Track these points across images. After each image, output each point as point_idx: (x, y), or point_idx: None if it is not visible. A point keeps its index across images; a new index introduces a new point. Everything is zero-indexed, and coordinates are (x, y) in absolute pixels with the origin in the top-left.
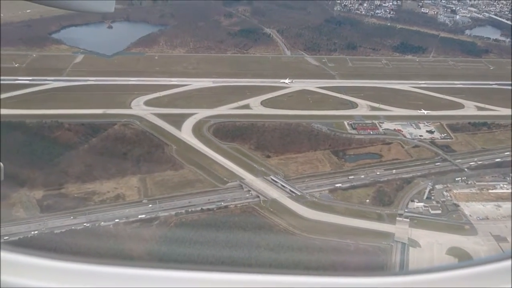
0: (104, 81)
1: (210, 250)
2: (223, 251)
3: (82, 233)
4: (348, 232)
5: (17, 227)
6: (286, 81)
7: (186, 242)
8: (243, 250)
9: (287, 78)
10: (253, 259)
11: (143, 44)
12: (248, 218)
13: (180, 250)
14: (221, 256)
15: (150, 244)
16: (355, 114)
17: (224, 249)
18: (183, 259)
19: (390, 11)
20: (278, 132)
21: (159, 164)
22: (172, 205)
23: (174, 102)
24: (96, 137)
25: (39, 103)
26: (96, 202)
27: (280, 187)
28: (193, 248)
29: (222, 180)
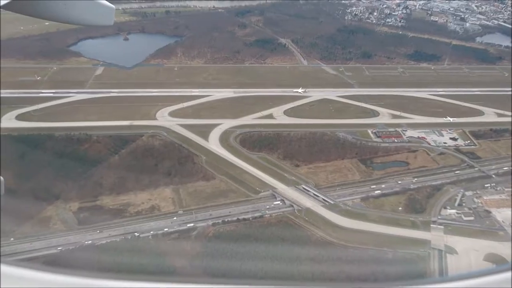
0: (127, 92)
1: (251, 261)
2: (264, 262)
3: (122, 245)
4: (384, 240)
5: (57, 239)
6: (299, 90)
7: (227, 253)
8: (284, 260)
9: (300, 88)
10: (295, 270)
11: (161, 55)
12: (285, 228)
13: (221, 260)
14: (263, 267)
15: (191, 254)
16: (378, 123)
17: (265, 260)
18: (225, 270)
19: (400, 19)
20: (304, 142)
21: (191, 174)
22: (208, 216)
23: (198, 113)
24: (125, 149)
25: (65, 115)
26: (132, 213)
27: (313, 196)
28: (233, 258)
29: (254, 190)
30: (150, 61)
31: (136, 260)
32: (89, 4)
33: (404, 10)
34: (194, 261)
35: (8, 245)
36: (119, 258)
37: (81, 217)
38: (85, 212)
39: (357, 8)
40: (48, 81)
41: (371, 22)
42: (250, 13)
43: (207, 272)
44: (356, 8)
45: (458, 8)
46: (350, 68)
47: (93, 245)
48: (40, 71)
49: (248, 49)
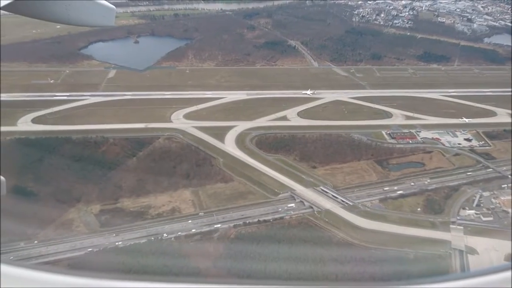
0: (140, 95)
1: (275, 262)
2: (288, 263)
3: (146, 247)
4: (405, 241)
5: (81, 242)
6: (308, 92)
7: (250, 254)
8: (308, 262)
9: (308, 89)
10: (319, 271)
11: (172, 58)
12: (306, 229)
13: (245, 262)
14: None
15: (214, 256)
16: (392, 124)
17: (289, 261)
18: (250, 271)
19: (407, 21)
20: (320, 143)
21: (209, 177)
22: (228, 217)
23: (213, 115)
24: (142, 151)
25: (80, 118)
26: (153, 216)
27: (331, 197)
28: (257, 260)
29: (273, 192)
30: (161, 63)
31: (160, 261)
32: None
33: (411, 12)
34: (218, 262)
35: (33, 248)
36: (144, 260)
37: (103, 219)
38: (106, 214)
39: (364, 9)
40: (61, 84)
41: (378, 24)
42: (258, 15)
43: (231, 273)
44: (363, 9)
45: (464, 9)
46: (360, 70)
47: (117, 247)
48: (53, 74)
49: (258, 51)
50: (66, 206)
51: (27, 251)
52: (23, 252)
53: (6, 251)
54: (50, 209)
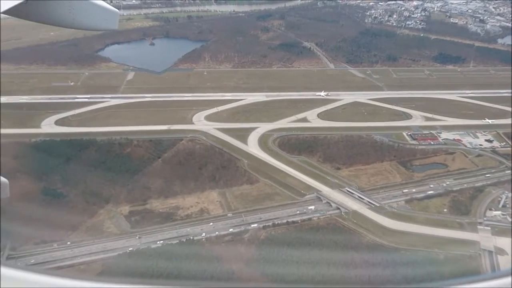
0: (160, 97)
1: (307, 264)
2: (320, 265)
3: (178, 248)
4: (434, 241)
5: (113, 243)
6: (321, 93)
7: (281, 256)
8: (339, 263)
9: (322, 91)
10: (351, 272)
11: (189, 60)
12: (335, 231)
13: (277, 263)
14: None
15: (246, 257)
16: (412, 125)
17: (320, 263)
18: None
19: (420, 22)
20: (342, 144)
21: (235, 178)
22: (257, 218)
23: (234, 117)
24: (166, 153)
25: (103, 120)
26: (182, 217)
27: (358, 198)
28: (289, 261)
29: (299, 193)
30: (178, 65)
31: (193, 262)
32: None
33: (423, 13)
34: (251, 263)
35: (66, 249)
36: (177, 261)
37: (132, 220)
38: (136, 215)
39: (376, 10)
40: (81, 86)
41: (391, 25)
42: (271, 17)
43: (264, 275)
44: (375, 10)
45: (476, 10)
46: (377, 71)
47: (150, 248)
48: (73, 77)
49: (274, 53)
50: (95, 208)
51: (60, 252)
52: (57, 253)
53: (39, 252)
54: (80, 211)
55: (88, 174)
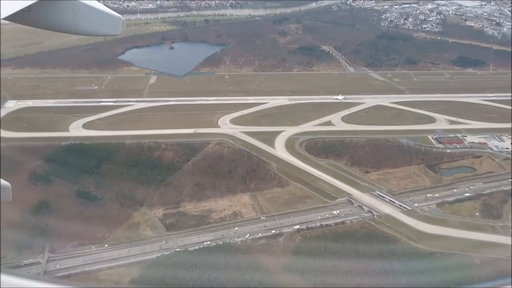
0: (185, 101)
1: (345, 267)
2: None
3: (214, 250)
4: (468, 245)
5: (150, 245)
6: (339, 97)
7: (318, 258)
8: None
9: (339, 95)
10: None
11: (210, 64)
12: (369, 234)
13: (313, 266)
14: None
15: (283, 260)
16: (437, 128)
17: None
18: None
19: (436, 25)
20: (369, 148)
21: (265, 181)
22: (290, 222)
23: (259, 120)
24: (195, 156)
25: (129, 124)
26: (216, 220)
27: (389, 202)
28: (326, 264)
29: (330, 196)
30: (199, 69)
31: (231, 266)
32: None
33: (438, 16)
34: (289, 267)
35: (104, 251)
36: (215, 263)
37: (167, 223)
38: (170, 218)
39: (391, 14)
40: (105, 90)
41: (407, 28)
42: (287, 20)
43: (303, 278)
44: (390, 14)
45: (491, 13)
46: (397, 75)
47: (187, 251)
48: (96, 81)
49: (293, 56)
50: (130, 211)
51: (99, 254)
52: (95, 256)
53: (78, 254)
54: (115, 214)
55: (120, 177)
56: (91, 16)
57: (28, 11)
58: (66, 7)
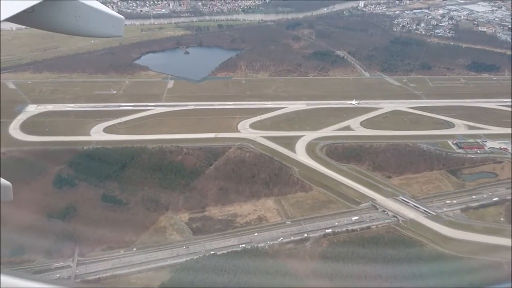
0: (203, 105)
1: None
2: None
3: (243, 255)
4: (494, 250)
5: (178, 249)
6: (352, 102)
7: (346, 263)
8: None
9: (353, 99)
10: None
11: (226, 68)
12: (396, 239)
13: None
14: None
15: (312, 264)
16: (456, 134)
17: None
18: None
19: (449, 30)
20: (389, 153)
21: (288, 186)
22: (316, 226)
23: (278, 125)
24: (217, 161)
25: (150, 128)
26: (241, 224)
27: (413, 207)
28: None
29: (354, 201)
30: (216, 74)
31: (260, 270)
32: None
33: (450, 21)
34: (318, 271)
35: (133, 255)
36: (244, 268)
37: (194, 227)
38: (196, 222)
39: (403, 19)
40: (123, 94)
41: (420, 33)
42: (300, 25)
43: (334, 283)
44: (402, 19)
45: (503, 18)
46: (412, 80)
47: (215, 255)
48: (114, 85)
49: (308, 61)
50: (156, 215)
51: (129, 258)
52: (125, 259)
53: (107, 258)
54: (142, 217)
55: (144, 181)
56: (93, 18)
57: (31, 13)
58: (69, 9)
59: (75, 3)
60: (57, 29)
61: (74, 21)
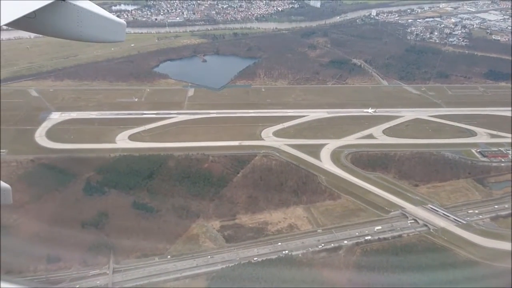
0: (225, 113)
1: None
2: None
3: (278, 263)
4: None
5: (213, 257)
6: (369, 110)
7: (382, 271)
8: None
9: (369, 108)
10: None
11: (244, 76)
12: (428, 247)
13: (379, 279)
14: None
15: (347, 273)
16: (479, 142)
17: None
18: None
19: (463, 39)
20: (414, 161)
21: (316, 194)
22: (347, 235)
23: (301, 133)
24: (244, 169)
25: (174, 136)
26: (273, 232)
27: (442, 215)
28: (390, 277)
29: (383, 209)
30: (235, 82)
31: (297, 278)
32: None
33: (463, 29)
34: (354, 280)
35: (168, 262)
36: (280, 276)
37: (226, 235)
38: (228, 230)
39: (416, 28)
40: (145, 102)
41: (434, 42)
42: (314, 34)
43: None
44: (415, 28)
45: None
46: (431, 88)
47: (250, 263)
48: (135, 93)
49: (325, 70)
50: (187, 222)
51: (164, 265)
52: (160, 267)
53: (142, 265)
54: (173, 225)
55: (174, 189)
56: (96, 23)
57: (33, 18)
58: (71, 14)
59: (77, 9)
60: (59, 34)
61: (76, 26)
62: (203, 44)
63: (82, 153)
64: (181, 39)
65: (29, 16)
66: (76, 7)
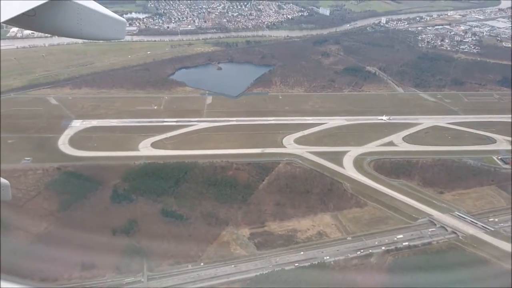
0: (245, 121)
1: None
2: None
3: (311, 271)
4: None
5: (245, 264)
6: (383, 117)
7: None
8: None
9: (383, 115)
10: None
11: (261, 84)
12: (459, 255)
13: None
14: None
15: (380, 280)
16: (500, 149)
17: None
18: None
19: (474, 46)
20: (437, 168)
21: (343, 201)
22: (377, 242)
23: (321, 141)
24: (268, 176)
25: (197, 143)
26: (303, 239)
27: (470, 223)
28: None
29: (410, 217)
30: (252, 89)
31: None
32: (102, 19)
33: (473, 37)
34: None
35: (202, 270)
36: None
37: (256, 242)
38: (258, 237)
39: (426, 35)
40: (164, 110)
41: (445, 49)
42: (326, 41)
43: None
44: (425, 35)
45: None
46: (446, 95)
47: (284, 270)
48: (154, 101)
49: (340, 77)
50: (217, 229)
51: (197, 272)
52: (194, 274)
53: (176, 273)
54: (203, 232)
55: (201, 196)
56: (96, 20)
57: (33, 16)
58: (71, 12)
59: (77, 6)
60: (59, 32)
61: (76, 24)
62: (216, 51)
63: (106, 161)
64: (194, 47)
65: (28, 13)
66: (76, 5)
